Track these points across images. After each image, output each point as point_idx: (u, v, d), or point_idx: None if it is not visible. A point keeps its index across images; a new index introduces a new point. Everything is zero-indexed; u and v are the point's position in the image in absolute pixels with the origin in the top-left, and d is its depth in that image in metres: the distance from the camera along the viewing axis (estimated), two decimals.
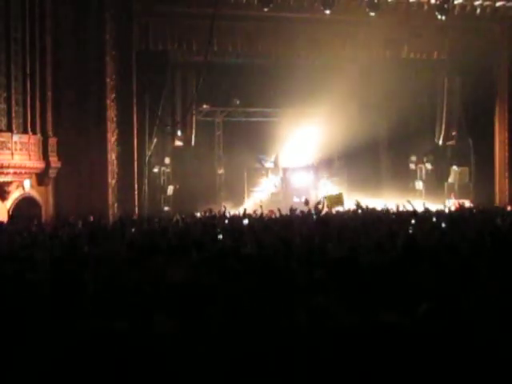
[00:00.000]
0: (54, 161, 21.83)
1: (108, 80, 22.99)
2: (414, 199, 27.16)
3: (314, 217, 18.03)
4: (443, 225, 14.33)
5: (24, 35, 20.84)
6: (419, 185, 30.72)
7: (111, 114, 23.16)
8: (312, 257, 7.77)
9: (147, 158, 25.33)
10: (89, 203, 21.74)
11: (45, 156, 21.51)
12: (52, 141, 21.76)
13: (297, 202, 27.56)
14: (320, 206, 21.69)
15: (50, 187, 22.14)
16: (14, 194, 20.95)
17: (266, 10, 22.80)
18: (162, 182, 27.74)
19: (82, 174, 22.39)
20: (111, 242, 11.51)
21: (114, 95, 23.26)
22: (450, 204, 26.32)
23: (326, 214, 20.19)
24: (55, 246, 10.86)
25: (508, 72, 26.14)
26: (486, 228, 11.45)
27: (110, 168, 23.02)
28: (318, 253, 8.18)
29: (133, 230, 15.12)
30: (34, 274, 6.98)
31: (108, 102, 23.02)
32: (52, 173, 21.88)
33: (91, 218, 19.20)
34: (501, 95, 26.70)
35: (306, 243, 9.94)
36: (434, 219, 15.99)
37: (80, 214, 19.29)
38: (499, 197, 26.49)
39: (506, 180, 26.46)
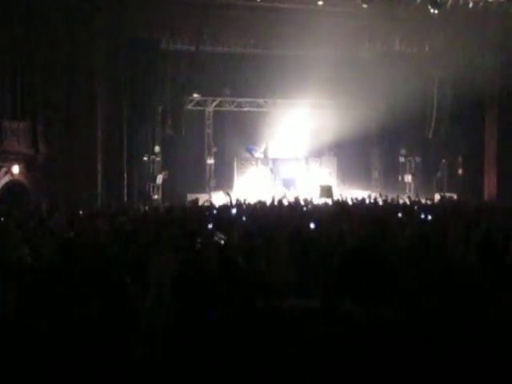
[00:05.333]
0: (44, 147, 21.78)
1: (98, 68, 22.92)
2: (402, 192, 27.46)
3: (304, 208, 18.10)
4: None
5: (12, 22, 20.79)
6: (408, 178, 30.80)
7: (101, 101, 23.10)
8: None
9: (137, 147, 25.37)
10: (77, 190, 21.71)
11: (34, 143, 21.48)
12: (41, 128, 21.71)
13: (286, 192, 27.65)
14: (309, 198, 21.79)
15: (39, 173, 22.08)
16: (3, 180, 20.93)
17: (258, 0, 22.82)
18: (151, 170, 27.68)
19: (71, 161, 22.35)
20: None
21: (104, 83, 23.21)
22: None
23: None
24: None
25: (499, 67, 26.17)
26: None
27: (99, 156, 22.99)
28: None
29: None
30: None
31: (98, 89, 22.97)
32: (41, 159, 21.84)
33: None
34: (491, 90, 26.73)
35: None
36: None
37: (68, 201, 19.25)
38: (487, 192, 26.58)
39: (495, 175, 26.53)
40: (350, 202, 20.58)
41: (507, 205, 19.21)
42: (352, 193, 25.95)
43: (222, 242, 9.53)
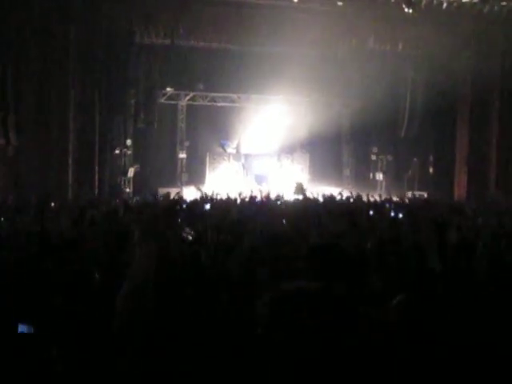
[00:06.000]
0: (14, 138, 21.55)
1: (71, 59, 22.72)
2: (374, 190, 27.55)
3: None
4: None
5: None
6: (380, 176, 30.94)
7: (74, 93, 22.91)
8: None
9: (109, 140, 25.23)
10: (48, 183, 21.54)
11: (4, 133, 21.24)
12: (12, 118, 21.47)
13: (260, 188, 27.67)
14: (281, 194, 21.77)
15: (10, 165, 21.85)
16: None
17: None
18: (122, 163, 27.53)
19: (43, 153, 22.14)
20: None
21: (77, 75, 23.01)
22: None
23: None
24: None
25: (471, 66, 26.35)
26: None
27: (70, 148, 22.80)
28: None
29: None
30: None
31: (70, 80, 22.77)
32: (11, 150, 21.61)
33: None
34: (463, 90, 26.92)
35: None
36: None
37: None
38: (457, 191, 26.77)
39: (465, 174, 26.73)
40: (320, 199, 20.58)
41: (476, 204, 19.42)
42: (323, 190, 25.99)
43: (190, 237, 9.49)
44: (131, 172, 27.38)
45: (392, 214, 15.28)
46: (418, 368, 3.38)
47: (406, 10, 22.81)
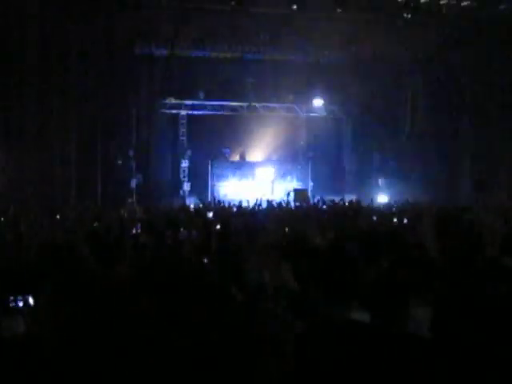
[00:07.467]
0: (18, 151, 21.61)
1: (73, 71, 22.80)
2: (377, 196, 27.54)
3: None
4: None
5: None
6: (382, 182, 30.85)
7: (76, 104, 22.96)
8: None
9: (111, 151, 25.28)
10: (51, 194, 21.57)
11: (7, 147, 21.31)
12: (14, 132, 21.54)
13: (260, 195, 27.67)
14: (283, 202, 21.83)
15: (11, 178, 21.86)
16: None
17: (232, 3, 22.86)
18: (125, 174, 27.53)
19: (46, 165, 22.18)
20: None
21: (79, 85, 23.07)
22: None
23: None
24: None
25: (472, 71, 26.39)
26: None
27: (73, 159, 22.84)
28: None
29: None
30: None
31: (73, 92, 22.84)
32: (13, 164, 21.66)
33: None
34: (465, 93, 26.92)
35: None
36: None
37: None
38: (462, 195, 26.73)
39: (470, 178, 26.70)
40: (324, 206, 20.63)
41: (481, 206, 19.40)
42: (326, 196, 25.98)
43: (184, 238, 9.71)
44: (134, 182, 27.38)
45: (395, 219, 15.31)
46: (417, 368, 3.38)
47: (406, 15, 22.88)
